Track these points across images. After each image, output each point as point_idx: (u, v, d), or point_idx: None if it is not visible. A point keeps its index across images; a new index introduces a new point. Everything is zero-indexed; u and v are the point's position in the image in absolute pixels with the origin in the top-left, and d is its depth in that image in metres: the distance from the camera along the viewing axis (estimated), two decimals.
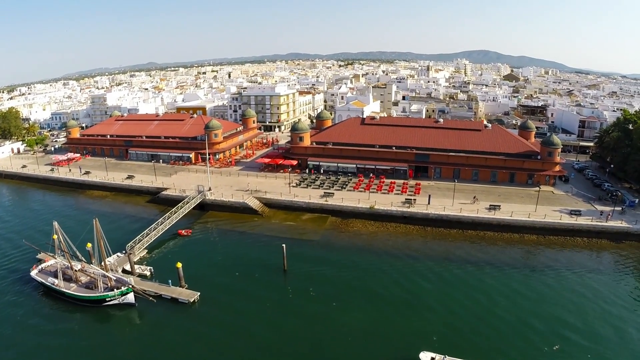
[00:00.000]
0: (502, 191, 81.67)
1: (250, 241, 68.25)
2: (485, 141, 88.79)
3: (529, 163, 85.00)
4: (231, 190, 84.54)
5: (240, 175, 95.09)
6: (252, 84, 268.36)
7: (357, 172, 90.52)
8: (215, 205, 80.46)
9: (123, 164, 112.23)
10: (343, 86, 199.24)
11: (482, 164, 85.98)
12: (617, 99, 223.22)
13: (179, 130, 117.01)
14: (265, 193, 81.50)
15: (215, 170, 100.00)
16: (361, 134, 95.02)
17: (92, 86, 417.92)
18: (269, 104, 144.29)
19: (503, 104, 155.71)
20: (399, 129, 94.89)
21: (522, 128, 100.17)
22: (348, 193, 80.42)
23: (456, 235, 68.52)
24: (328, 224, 72.45)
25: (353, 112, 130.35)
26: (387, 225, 71.10)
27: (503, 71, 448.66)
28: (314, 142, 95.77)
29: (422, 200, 75.87)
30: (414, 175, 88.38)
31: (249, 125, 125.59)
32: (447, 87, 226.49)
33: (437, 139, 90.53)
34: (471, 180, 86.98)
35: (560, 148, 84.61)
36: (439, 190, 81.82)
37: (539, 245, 66.72)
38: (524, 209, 72.59)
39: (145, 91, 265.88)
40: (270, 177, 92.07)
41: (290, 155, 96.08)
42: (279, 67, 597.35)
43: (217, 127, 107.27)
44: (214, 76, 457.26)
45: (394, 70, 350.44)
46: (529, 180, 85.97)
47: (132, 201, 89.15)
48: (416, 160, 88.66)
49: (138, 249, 62.16)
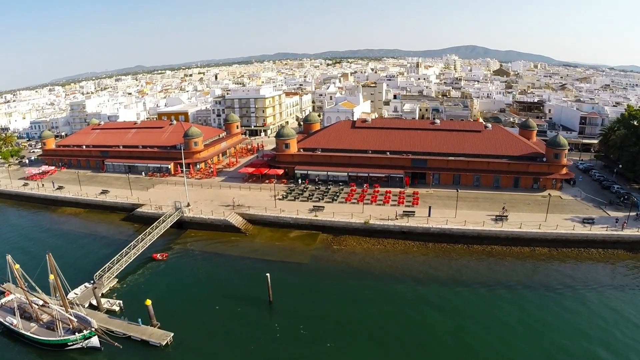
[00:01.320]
0: (507, 198, 75.19)
1: (232, 266, 60.99)
2: (486, 143, 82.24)
3: (534, 166, 78.65)
4: (212, 206, 77.05)
5: (223, 187, 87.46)
6: (238, 85, 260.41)
7: (348, 180, 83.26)
8: (194, 223, 73.02)
9: (99, 176, 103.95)
10: (331, 86, 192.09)
11: (484, 168, 79.37)
12: (611, 92, 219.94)
13: (157, 139, 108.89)
14: (248, 208, 74.06)
15: (195, 182, 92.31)
16: (352, 139, 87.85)
17: (77, 91, 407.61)
18: (253, 107, 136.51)
19: (498, 101, 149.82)
20: (393, 132, 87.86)
21: (523, 127, 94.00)
22: (339, 206, 73.22)
23: (461, 251, 61.81)
24: (318, 242, 65.24)
25: (342, 113, 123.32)
26: (384, 242, 64.08)
27: (492, 66, 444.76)
28: (301, 148, 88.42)
29: (422, 211, 69.02)
30: (411, 183, 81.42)
31: (233, 131, 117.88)
32: (439, 84, 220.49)
33: (435, 142, 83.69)
34: (472, 186, 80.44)
35: (567, 149, 78.41)
36: (439, 199, 75.05)
37: (551, 259, 60.55)
38: (533, 219, 66.30)
39: (128, 96, 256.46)
40: (254, 189, 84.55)
41: (275, 164, 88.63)
42: (266, 67, 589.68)
43: (196, 134, 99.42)
44: (200, 78, 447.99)
45: (382, 68, 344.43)
46: (535, 185, 79.69)
47: (106, 219, 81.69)
48: (413, 166, 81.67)
49: (107, 279, 55.11)
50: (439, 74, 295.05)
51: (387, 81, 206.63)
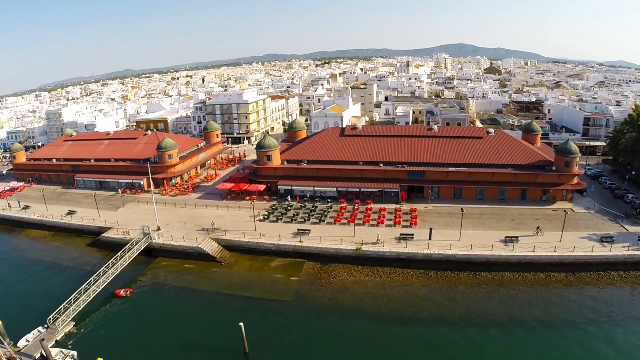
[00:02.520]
0: (514, 213, 67.36)
1: (205, 305, 52.37)
2: (489, 151, 74.27)
3: (543, 176, 70.86)
4: (185, 229, 68.26)
5: (198, 205, 78.45)
6: (222, 89, 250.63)
7: (337, 196, 74.64)
8: (165, 250, 64.22)
9: (69, 193, 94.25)
10: (319, 88, 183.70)
11: (488, 179, 71.32)
12: (608, 89, 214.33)
13: (130, 151, 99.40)
14: (224, 232, 65.25)
15: (169, 199, 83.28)
16: (341, 148, 79.35)
17: (62, 97, 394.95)
18: (235, 113, 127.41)
19: (495, 101, 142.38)
20: (386, 140, 79.47)
21: (527, 131, 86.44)
22: (328, 228, 64.59)
23: (467, 281, 53.66)
24: (304, 273, 56.61)
25: (331, 118, 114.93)
26: (379, 272, 55.59)
27: (483, 64, 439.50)
28: (284, 160, 79.72)
29: (421, 233, 60.70)
30: (407, 197, 73.05)
31: (212, 140, 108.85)
32: (431, 83, 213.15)
33: (433, 151, 75.44)
34: (475, 199, 72.42)
35: (578, 156, 70.79)
36: (439, 216, 66.86)
37: (569, 286, 53.01)
38: (546, 238, 58.72)
39: (110, 102, 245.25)
40: (233, 208, 75.62)
41: (256, 178, 79.82)
42: (254, 69, 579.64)
43: (170, 146, 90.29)
44: (187, 82, 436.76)
45: (372, 68, 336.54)
46: (543, 197, 71.98)
47: (71, 244, 72.68)
48: (409, 179, 73.26)
49: (62, 323, 47.00)
50: (430, 73, 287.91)
51: (377, 82, 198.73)
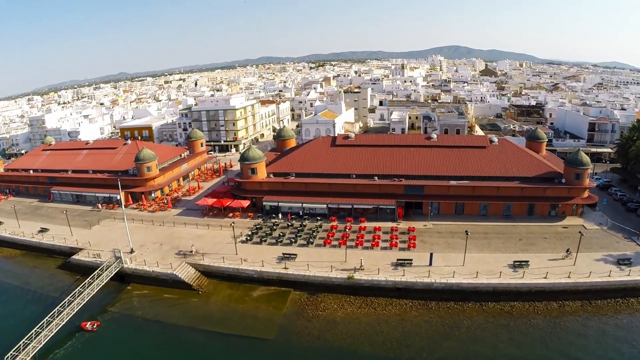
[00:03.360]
0: (521, 231, 61.36)
1: (177, 343, 46.09)
2: (493, 162, 68.26)
3: (552, 190, 64.90)
4: (161, 252, 61.88)
5: (177, 224, 71.82)
6: (214, 92, 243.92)
7: (328, 214, 68.28)
8: (137, 276, 57.81)
9: (44, 207, 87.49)
10: (312, 92, 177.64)
11: (493, 194, 65.26)
12: (606, 90, 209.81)
13: (108, 162, 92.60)
14: (202, 257, 58.75)
15: (147, 216, 76.77)
16: (332, 160, 73.11)
17: (53, 101, 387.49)
18: (222, 120, 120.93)
19: (494, 105, 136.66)
20: (381, 151, 73.30)
21: (532, 138, 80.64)
22: (316, 251, 58.12)
23: (473, 312, 47.50)
24: (289, 305, 50.21)
25: (322, 125, 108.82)
26: (374, 303, 49.31)
27: (478, 66, 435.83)
28: (270, 173, 73.36)
29: (420, 257, 54.51)
30: (405, 214, 66.80)
31: (197, 149, 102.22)
32: (427, 86, 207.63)
33: (432, 162, 69.28)
34: (479, 215, 66.30)
35: (590, 168, 64.96)
36: (440, 236, 60.65)
37: (585, 316, 47.33)
38: (558, 262, 52.86)
39: (97, 107, 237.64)
40: (214, 227, 69.05)
41: (240, 193, 73.36)
42: (248, 72, 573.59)
43: (149, 158, 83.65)
44: (179, 85, 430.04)
45: (366, 71, 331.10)
46: (552, 212, 66.08)
47: (42, 265, 66.46)
48: (407, 194, 67.03)
49: None
50: (425, 75, 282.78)
51: (371, 85, 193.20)
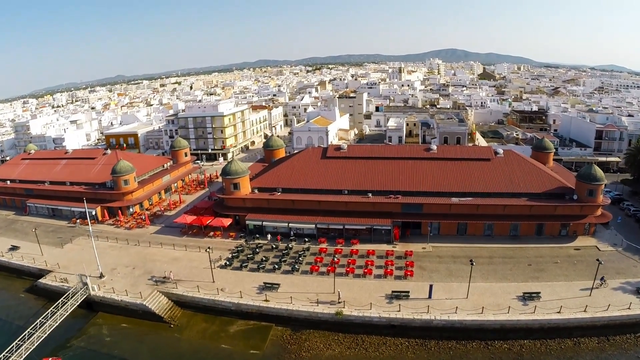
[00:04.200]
0: (530, 254, 55.37)
1: None
2: (499, 176, 62.26)
3: (564, 207, 58.94)
4: (133, 277, 55.84)
5: (153, 244, 65.46)
6: (209, 96, 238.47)
7: (317, 234, 62.06)
8: (106, 304, 51.76)
9: (19, 221, 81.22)
10: (306, 96, 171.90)
11: (499, 213, 59.18)
12: (607, 95, 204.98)
13: (86, 174, 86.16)
14: (176, 285, 52.54)
15: (122, 234, 70.54)
16: (323, 174, 67.02)
17: (47, 104, 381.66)
18: (210, 127, 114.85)
19: (495, 111, 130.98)
20: (376, 164, 67.20)
21: (538, 148, 74.95)
22: (302, 280, 51.80)
23: (477, 353, 41.37)
24: (270, 343, 43.99)
25: (315, 133, 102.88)
26: (365, 342, 43.07)
27: (476, 69, 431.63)
28: (255, 188, 67.23)
29: (418, 287, 48.36)
30: (401, 234, 60.65)
31: (181, 159, 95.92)
32: (424, 90, 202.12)
33: (432, 176, 63.20)
34: (483, 236, 60.13)
35: (604, 183, 59.10)
36: (441, 261, 54.50)
37: (604, 355, 41.15)
38: (572, 291, 47.13)
39: (88, 111, 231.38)
40: (192, 248, 62.70)
41: (222, 210, 67.16)
42: (244, 75, 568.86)
43: (126, 170, 77.41)
44: (174, 89, 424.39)
45: (363, 75, 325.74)
46: (563, 231, 60.16)
47: (10, 287, 60.82)
48: (404, 212, 60.85)
49: None
50: (423, 79, 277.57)
51: (368, 89, 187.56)
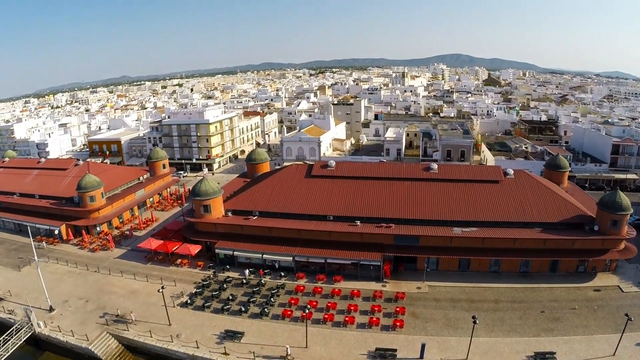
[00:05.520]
0: (544, 297, 46.98)
1: None
2: (508, 202, 53.89)
3: (583, 241, 50.54)
4: (84, 312, 48.53)
5: (114, 271, 57.42)
6: (208, 99, 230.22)
7: (295, 268, 53.63)
8: (52, 344, 44.51)
9: None
10: (303, 102, 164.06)
11: (509, 246, 50.73)
12: (618, 104, 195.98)
13: (56, 186, 78.49)
14: (127, 327, 44.58)
15: (84, 257, 62.91)
16: (306, 196, 58.88)
17: (47, 105, 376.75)
18: (195, 135, 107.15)
19: (502, 121, 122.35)
20: (367, 185, 58.97)
21: (552, 167, 66.70)
22: (271, 327, 43.37)
23: None
24: None
25: (306, 143, 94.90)
26: None
27: (481, 75, 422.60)
28: (229, 210, 59.24)
29: (409, 342, 40.11)
30: (394, 268, 52.35)
31: (158, 172, 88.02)
32: (428, 97, 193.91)
33: (431, 201, 54.83)
34: (489, 273, 51.54)
35: (631, 213, 50.70)
36: (438, 306, 46.04)
37: None
38: (591, 349, 38.64)
39: (81, 114, 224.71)
40: (154, 279, 54.59)
41: (192, 235, 59.10)
42: (247, 78, 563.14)
43: (92, 186, 69.55)
44: (173, 91, 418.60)
45: (366, 79, 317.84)
46: (580, 267, 51.79)
47: None
48: (397, 245, 52.35)
49: None
50: (427, 85, 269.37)
51: (369, 95, 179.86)
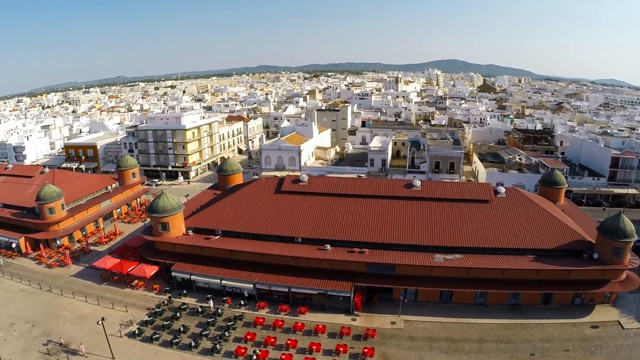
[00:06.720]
0: (534, 335, 41.45)
1: None
2: (498, 225, 48.39)
3: (581, 271, 45.16)
4: (28, 339, 43.29)
5: (66, 291, 51.32)
6: (198, 102, 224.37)
7: (257, 297, 47.78)
8: None
9: None
10: (290, 107, 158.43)
11: (496, 277, 45.19)
12: (615, 112, 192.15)
13: (20, 195, 72.38)
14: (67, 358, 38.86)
15: (40, 274, 57.31)
16: (273, 214, 53.14)
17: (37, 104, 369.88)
18: (171, 142, 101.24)
19: (495, 130, 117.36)
20: (341, 203, 53.35)
21: (547, 183, 61.59)
22: None
23: None
24: None
25: (286, 152, 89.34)
26: None
27: (476, 81, 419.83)
28: (190, 228, 53.47)
29: None
30: (367, 299, 46.63)
31: (128, 181, 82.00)
32: (420, 103, 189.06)
33: (411, 223, 49.30)
34: (473, 305, 45.98)
35: (635, 239, 45.42)
36: (413, 346, 40.16)
37: None
38: None
39: (66, 115, 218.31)
40: (106, 302, 48.45)
41: (149, 255, 53.20)
42: (240, 80, 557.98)
43: (51, 197, 63.42)
44: (165, 92, 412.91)
45: (359, 84, 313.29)
46: (577, 299, 46.44)
47: None
48: (370, 273, 46.45)
49: None
50: (420, 90, 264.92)
51: (359, 100, 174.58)
